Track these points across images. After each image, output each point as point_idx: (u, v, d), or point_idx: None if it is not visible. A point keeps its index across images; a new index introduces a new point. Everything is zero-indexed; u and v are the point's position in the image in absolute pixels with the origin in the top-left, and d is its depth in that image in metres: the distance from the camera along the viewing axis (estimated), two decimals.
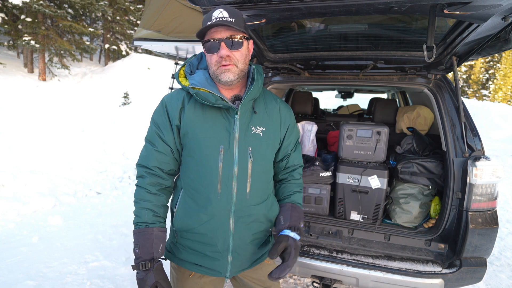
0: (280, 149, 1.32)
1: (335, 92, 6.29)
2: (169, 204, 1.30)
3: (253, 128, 1.19)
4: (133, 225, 1.19)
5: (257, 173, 1.20)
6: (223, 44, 1.09)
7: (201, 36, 1.14)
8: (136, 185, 1.21)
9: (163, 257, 1.30)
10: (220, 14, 1.08)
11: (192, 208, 1.19)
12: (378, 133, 2.15)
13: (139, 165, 1.23)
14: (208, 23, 1.08)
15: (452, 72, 1.99)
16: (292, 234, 1.19)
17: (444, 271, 1.76)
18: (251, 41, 1.21)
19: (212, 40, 1.10)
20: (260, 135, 1.20)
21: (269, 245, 1.37)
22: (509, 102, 29.90)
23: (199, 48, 3.63)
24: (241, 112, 1.17)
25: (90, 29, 11.94)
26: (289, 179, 1.37)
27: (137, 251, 1.13)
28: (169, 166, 1.22)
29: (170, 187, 1.27)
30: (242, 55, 1.14)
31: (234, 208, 1.18)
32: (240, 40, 1.11)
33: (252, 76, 1.22)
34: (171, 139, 1.19)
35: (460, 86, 2.03)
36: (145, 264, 1.11)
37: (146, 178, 1.19)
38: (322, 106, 4.83)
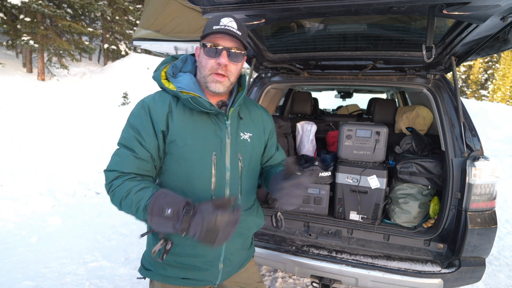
0: (265, 151, 1.34)
1: (335, 92, 6.30)
2: None
3: (241, 134, 1.19)
4: (143, 212, 0.95)
5: (247, 178, 1.21)
6: (224, 53, 1.06)
7: (202, 37, 1.09)
8: (112, 189, 1.02)
9: (141, 276, 1.20)
10: (229, 22, 1.05)
11: None
12: (377, 133, 2.15)
13: (109, 170, 1.06)
14: (214, 27, 1.05)
15: (451, 72, 1.99)
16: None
17: (443, 271, 1.76)
18: (245, 57, 1.19)
19: (214, 45, 1.06)
20: (248, 140, 1.20)
21: (252, 247, 1.39)
22: (508, 102, 29.93)
23: None
24: (231, 119, 1.16)
25: (89, 29, 11.94)
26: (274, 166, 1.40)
27: (169, 211, 0.89)
28: (148, 173, 1.09)
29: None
30: (237, 69, 1.13)
31: None
32: (241, 54, 1.10)
33: (239, 83, 1.22)
34: (153, 145, 1.08)
35: (459, 86, 2.04)
36: (188, 210, 0.89)
37: (122, 178, 1.03)
38: (321, 106, 4.82)
